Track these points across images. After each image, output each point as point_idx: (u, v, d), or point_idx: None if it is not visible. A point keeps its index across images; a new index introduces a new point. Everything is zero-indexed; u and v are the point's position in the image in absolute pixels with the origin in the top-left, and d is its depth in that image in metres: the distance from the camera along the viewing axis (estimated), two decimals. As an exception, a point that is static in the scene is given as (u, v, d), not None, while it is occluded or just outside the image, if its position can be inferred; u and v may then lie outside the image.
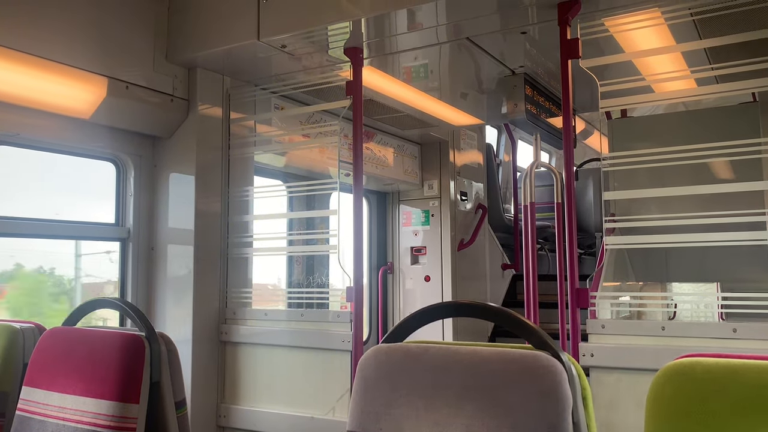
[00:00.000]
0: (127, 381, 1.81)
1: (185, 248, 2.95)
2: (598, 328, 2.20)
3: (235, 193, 3.11)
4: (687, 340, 2.04)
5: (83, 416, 1.81)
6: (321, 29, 2.63)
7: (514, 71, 3.48)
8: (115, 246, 3.01)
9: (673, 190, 2.26)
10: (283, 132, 3.39)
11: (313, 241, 3.58)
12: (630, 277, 3.52)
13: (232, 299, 3.06)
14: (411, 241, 4.82)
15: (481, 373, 1.20)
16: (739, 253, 3.09)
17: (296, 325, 2.88)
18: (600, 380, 2.16)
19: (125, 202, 3.02)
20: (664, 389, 1.12)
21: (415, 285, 4.78)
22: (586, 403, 1.17)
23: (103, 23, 2.67)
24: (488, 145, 5.44)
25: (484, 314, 1.31)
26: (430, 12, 2.47)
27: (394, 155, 4.52)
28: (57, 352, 1.95)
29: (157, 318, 2.99)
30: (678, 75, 2.85)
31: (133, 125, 2.92)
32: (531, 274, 3.28)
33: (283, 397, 2.87)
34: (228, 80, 3.14)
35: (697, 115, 3.65)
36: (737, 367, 1.08)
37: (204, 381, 2.94)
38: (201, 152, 2.99)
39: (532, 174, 3.44)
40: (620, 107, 2.58)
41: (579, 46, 2.36)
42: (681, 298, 3.19)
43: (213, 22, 2.84)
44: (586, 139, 6.33)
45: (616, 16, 2.43)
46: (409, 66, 3.28)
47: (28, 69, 2.40)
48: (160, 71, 2.90)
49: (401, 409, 1.26)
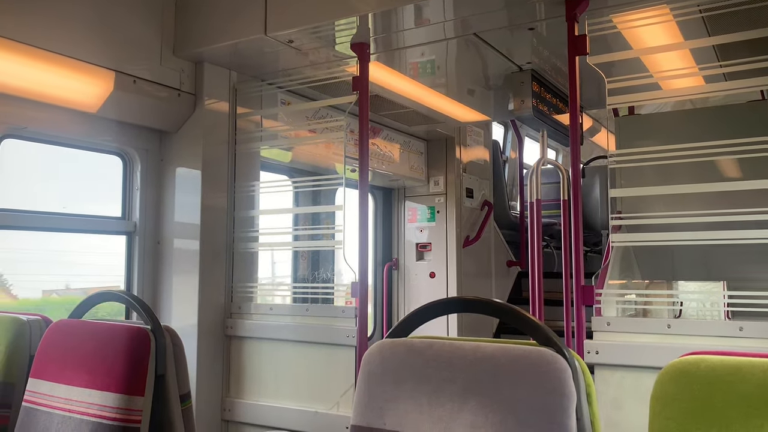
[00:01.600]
0: (132, 374, 1.81)
1: (191, 242, 2.96)
2: (604, 326, 2.20)
3: (241, 188, 3.12)
4: (692, 339, 2.04)
5: (89, 408, 1.82)
6: (328, 24, 2.63)
7: (521, 67, 3.47)
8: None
9: (680, 188, 2.25)
10: (289, 127, 3.39)
11: (318, 236, 3.59)
12: (636, 274, 3.51)
13: (237, 294, 3.07)
14: (416, 237, 4.81)
15: (485, 369, 1.20)
16: (746, 252, 3.07)
17: (301, 320, 2.89)
18: (605, 377, 2.16)
19: (132, 196, 3.03)
20: (668, 387, 1.12)
21: (420, 281, 4.78)
22: (590, 400, 1.17)
23: (110, 17, 2.68)
24: (495, 142, 5.43)
25: (488, 310, 1.31)
26: (438, 7, 2.47)
27: (400, 151, 4.51)
28: (63, 345, 1.96)
29: (162, 311, 3.00)
30: (686, 72, 2.83)
31: (140, 119, 2.93)
32: (536, 271, 3.27)
33: (287, 392, 2.88)
34: (235, 75, 3.14)
35: (704, 113, 3.63)
36: (742, 365, 1.07)
37: (209, 375, 2.95)
38: (207, 147, 2.99)
39: (539, 171, 3.43)
40: (627, 104, 2.56)
41: (587, 42, 2.35)
42: (687, 297, 3.18)
43: (220, 16, 2.84)
44: (593, 137, 6.30)
45: (624, 12, 2.42)
46: (415, 62, 3.28)
47: (36, 62, 2.41)
48: (167, 65, 2.90)
49: (405, 404, 1.27)
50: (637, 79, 2.33)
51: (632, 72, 2.34)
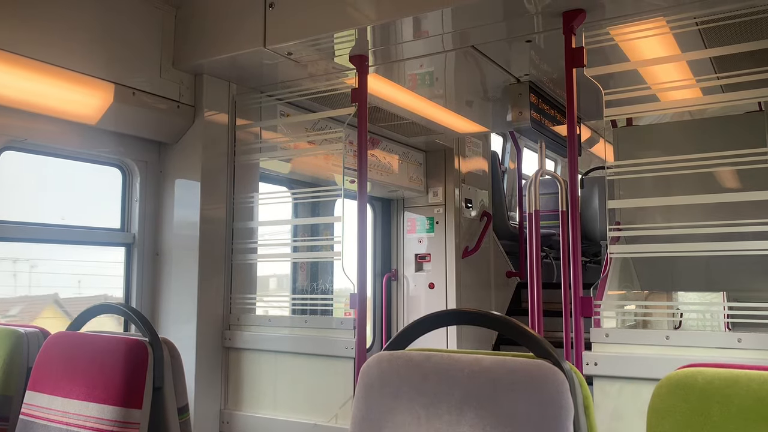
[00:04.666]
0: (130, 386, 1.81)
1: (190, 254, 2.95)
2: (602, 337, 2.20)
3: (240, 200, 3.12)
4: (691, 350, 2.03)
5: (86, 421, 1.81)
6: (327, 37, 2.64)
7: (519, 79, 3.49)
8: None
9: (679, 199, 2.25)
10: (288, 138, 3.40)
11: (317, 247, 3.59)
12: (635, 285, 3.51)
13: (236, 305, 3.06)
14: (415, 248, 4.81)
15: (482, 382, 1.20)
16: (745, 263, 3.08)
17: (300, 332, 2.88)
18: (603, 389, 2.15)
19: (131, 208, 3.03)
20: (666, 399, 1.11)
21: (419, 292, 4.77)
22: (587, 412, 1.17)
23: (110, 30, 2.69)
24: (493, 153, 5.45)
25: (485, 322, 1.31)
26: (436, 20, 2.48)
27: (399, 162, 4.52)
28: (61, 357, 1.96)
29: (161, 323, 3.00)
30: (683, 84, 2.84)
31: (140, 131, 2.94)
32: (535, 282, 3.27)
33: (286, 404, 2.86)
34: (234, 87, 3.16)
35: (702, 124, 3.64)
36: (740, 377, 1.07)
37: (207, 387, 2.94)
38: (207, 158, 3.00)
39: (537, 182, 3.44)
40: (625, 116, 2.57)
41: (584, 54, 2.36)
42: (687, 307, 3.17)
43: (219, 29, 2.86)
44: (591, 147, 6.31)
45: (621, 24, 2.43)
46: (414, 74, 3.29)
47: (36, 75, 2.42)
48: (166, 77, 2.92)
49: (403, 416, 1.26)
50: (634, 90, 2.34)
51: (630, 84, 2.36)
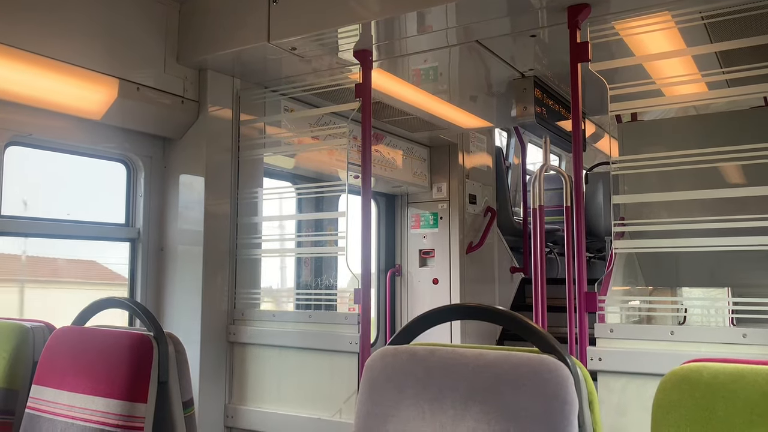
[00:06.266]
0: (135, 380, 1.81)
1: (194, 249, 2.96)
2: (607, 332, 2.19)
3: (245, 195, 3.12)
4: (696, 345, 2.03)
5: (92, 415, 1.82)
6: (331, 32, 2.64)
7: (524, 74, 3.48)
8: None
9: (683, 195, 2.24)
10: (292, 134, 3.40)
11: (321, 242, 3.59)
12: (640, 281, 3.50)
13: (240, 300, 3.07)
14: (419, 243, 4.81)
15: (487, 376, 1.20)
16: (750, 258, 3.06)
17: (304, 327, 2.89)
18: (608, 384, 2.15)
19: (135, 203, 3.04)
20: (670, 394, 1.11)
21: (423, 287, 4.77)
22: (592, 407, 1.17)
23: (114, 25, 2.69)
24: (497, 148, 5.43)
25: (490, 317, 1.31)
26: (440, 15, 2.48)
27: (403, 157, 4.52)
28: (66, 351, 1.96)
29: (165, 318, 3.00)
30: (688, 79, 2.83)
31: (144, 126, 2.94)
32: (540, 277, 3.27)
33: (290, 398, 2.87)
34: (238, 82, 3.16)
35: (707, 119, 3.62)
36: (745, 372, 1.07)
37: (212, 381, 2.95)
38: (211, 154, 3.00)
39: (542, 177, 3.43)
40: (630, 111, 2.57)
41: (589, 49, 2.35)
42: (691, 303, 3.17)
43: (223, 24, 2.85)
44: (596, 143, 6.30)
45: (626, 19, 2.42)
46: (418, 68, 3.28)
47: (41, 70, 2.43)
48: (170, 73, 2.92)
49: (407, 411, 1.26)
50: (639, 85, 2.33)
51: (635, 78, 2.34)
